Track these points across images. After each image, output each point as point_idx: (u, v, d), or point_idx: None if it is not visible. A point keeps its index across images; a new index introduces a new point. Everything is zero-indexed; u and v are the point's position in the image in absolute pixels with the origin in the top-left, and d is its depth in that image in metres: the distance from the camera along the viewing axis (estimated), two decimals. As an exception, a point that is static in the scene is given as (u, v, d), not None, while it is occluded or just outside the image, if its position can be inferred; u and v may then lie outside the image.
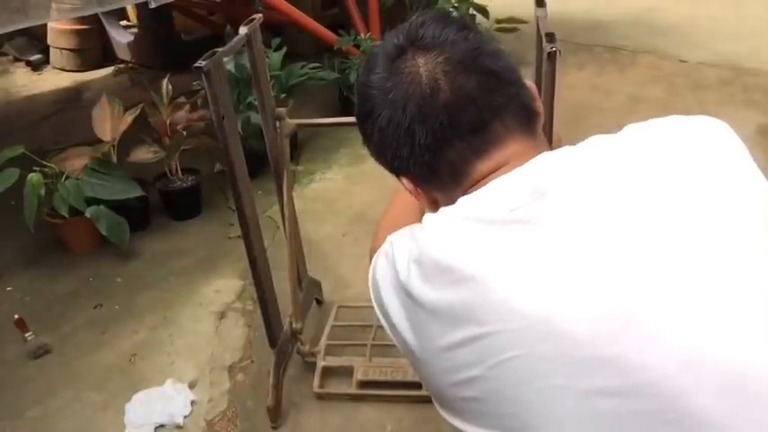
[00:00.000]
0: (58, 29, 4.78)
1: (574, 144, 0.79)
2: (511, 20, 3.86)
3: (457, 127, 0.76)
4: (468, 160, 0.78)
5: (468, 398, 0.68)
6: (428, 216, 0.78)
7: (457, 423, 0.72)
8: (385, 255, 0.80)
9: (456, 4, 3.90)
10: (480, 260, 0.69)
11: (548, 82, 1.43)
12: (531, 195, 0.71)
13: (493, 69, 0.78)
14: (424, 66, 0.77)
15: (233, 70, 2.93)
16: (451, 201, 0.79)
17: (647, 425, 0.61)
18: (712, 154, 0.74)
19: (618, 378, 0.62)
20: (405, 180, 0.84)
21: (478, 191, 0.76)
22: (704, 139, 0.76)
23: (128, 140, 2.79)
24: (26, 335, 2.23)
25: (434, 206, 0.85)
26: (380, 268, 0.80)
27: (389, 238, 0.81)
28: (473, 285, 0.68)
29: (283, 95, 3.02)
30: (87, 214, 2.55)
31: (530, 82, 0.84)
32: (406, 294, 0.74)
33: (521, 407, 0.65)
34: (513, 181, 0.75)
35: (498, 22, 3.88)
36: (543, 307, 0.65)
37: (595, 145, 0.77)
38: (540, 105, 0.83)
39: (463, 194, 0.78)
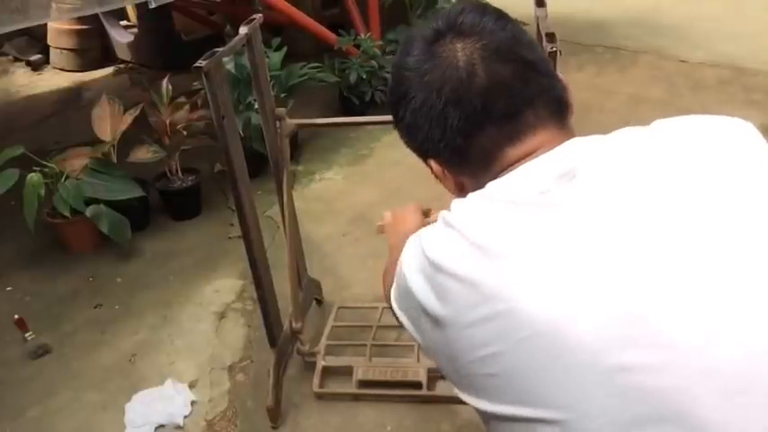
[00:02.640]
0: (58, 29, 4.78)
1: None
2: None
3: (490, 113, 0.78)
4: (500, 146, 0.79)
5: (488, 374, 0.69)
6: (457, 200, 0.79)
7: (474, 401, 0.72)
8: (413, 242, 0.80)
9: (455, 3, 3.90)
10: (508, 240, 0.70)
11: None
12: (560, 179, 0.72)
13: (529, 59, 0.80)
14: (461, 51, 0.78)
15: (233, 70, 2.94)
16: (479, 185, 0.79)
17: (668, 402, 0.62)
18: (738, 154, 0.74)
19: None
20: (433, 163, 0.86)
21: (507, 175, 0.77)
22: (730, 138, 0.76)
23: (128, 140, 2.79)
24: (26, 335, 2.23)
25: (461, 190, 0.86)
26: (407, 256, 0.80)
27: (417, 232, 0.81)
28: (500, 263, 0.68)
29: (283, 95, 3.03)
30: (87, 213, 2.55)
31: (561, 74, 0.85)
32: (435, 269, 0.73)
33: (544, 382, 0.65)
34: (543, 165, 0.76)
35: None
36: (557, 303, 0.65)
37: (625, 135, 0.78)
38: (571, 98, 0.84)
39: (492, 179, 0.79)
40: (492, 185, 0.77)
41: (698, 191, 0.70)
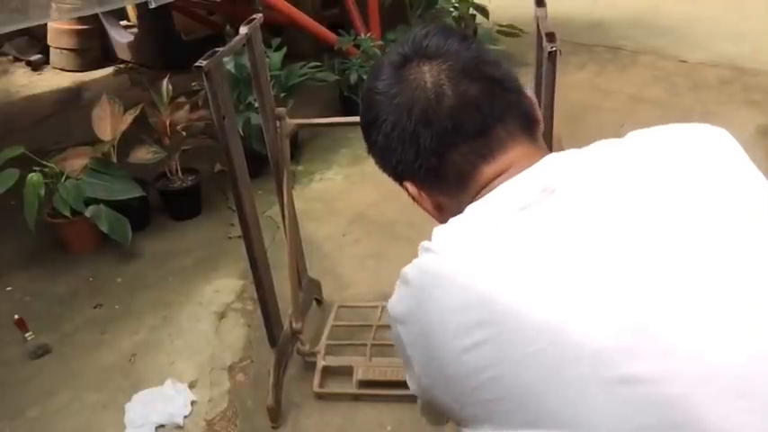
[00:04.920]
0: (58, 29, 4.78)
1: (575, 145, 0.81)
2: (511, 26, 3.88)
3: (461, 131, 0.79)
4: (474, 163, 0.80)
5: (491, 399, 0.67)
6: (437, 228, 0.79)
7: None
8: (398, 282, 0.78)
9: (456, 5, 3.91)
10: (491, 260, 0.70)
11: (548, 82, 1.43)
12: (540, 193, 0.73)
13: (495, 77, 0.81)
14: (429, 72, 0.80)
15: (233, 70, 2.93)
16: (457, 204, 0.80)
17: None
18: (715, 161, 0.76)
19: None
20: (409, 186, 0.86)
21: (486, 196, 0.78)
22: (707, 146, 0.77)
23: (128, 140, 2.79)
24: (26, 335, 2.23)
25: (439, 211, 0.86)
26: (393, 300, 0.78)
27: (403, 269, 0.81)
28: (487, 285, 0.68)
29: (283, 95, 3.02)
30: (87, 214, 2.55)
31: (529, 91, 0.86)
32: (424, 298, 0.73)
33: (548, 399, 0.64)
34: (522, 181, 0.76)
35: (499, 26, 3.90)
36: (554, 317, 0.65)
37: (601, 148, 0.79)
38: (539, 113, 0.85)
39: (471, 200, 0.79)
40: (472, 207, 0.77)
41: (680, 200, 0.71)
